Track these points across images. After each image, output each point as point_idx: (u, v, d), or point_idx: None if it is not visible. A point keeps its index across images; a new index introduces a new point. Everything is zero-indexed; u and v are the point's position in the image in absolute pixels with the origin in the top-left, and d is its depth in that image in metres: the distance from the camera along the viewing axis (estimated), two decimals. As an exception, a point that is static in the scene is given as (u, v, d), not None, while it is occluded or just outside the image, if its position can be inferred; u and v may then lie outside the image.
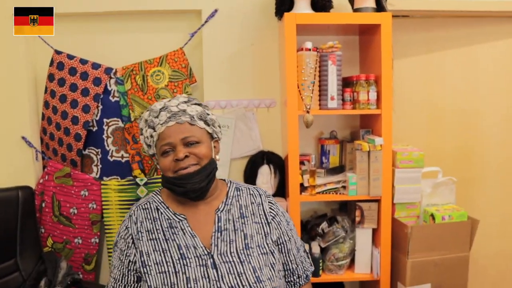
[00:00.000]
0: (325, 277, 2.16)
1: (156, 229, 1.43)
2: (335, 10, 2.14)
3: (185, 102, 1.46)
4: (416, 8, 2.27)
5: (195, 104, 1.48)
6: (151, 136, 1.44)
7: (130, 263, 1.40)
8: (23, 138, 2.25)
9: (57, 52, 2.24)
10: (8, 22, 2.17)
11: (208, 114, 1.48)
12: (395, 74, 2.17)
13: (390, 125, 2.03)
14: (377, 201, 2.10)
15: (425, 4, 2.26)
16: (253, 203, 1.52)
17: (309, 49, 2.01)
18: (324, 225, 2.20)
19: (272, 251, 1.45)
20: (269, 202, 1.54)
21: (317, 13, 2.05)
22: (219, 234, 1.42)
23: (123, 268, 1.41)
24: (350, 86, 2.10)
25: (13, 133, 2.25)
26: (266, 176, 2.23)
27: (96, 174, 2.29)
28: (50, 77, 2.25)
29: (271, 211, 1.52)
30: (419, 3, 2.27)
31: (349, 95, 2.08)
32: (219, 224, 1.44)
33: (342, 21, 2.02)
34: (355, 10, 2.07)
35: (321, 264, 2.14)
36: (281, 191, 2.26)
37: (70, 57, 2.22)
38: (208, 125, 1.47)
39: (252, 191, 1.55)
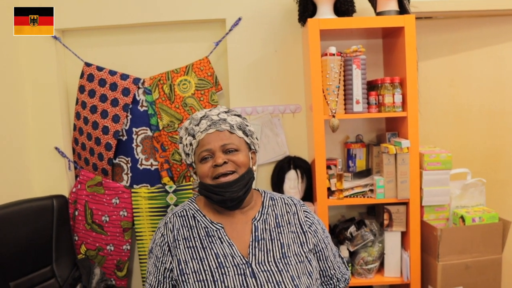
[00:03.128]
0: (354, 281, 2.15)
1: (193, 237, 1.44)
2: (357, 14, 2.15)
3: (226, 112, 1.51)
4: (439, 9, 2.26)
5: (235, 115, 1.52)
6: (191, 144, 1.47)
7: (166, 271, 1.42)
8: (56, 148, 2.33)
9: (87, 65, 2.31)
10: (39, 39, 2.27)
11: (247, 125, 1.51)
12: (420, 76, 2.16)
13: (417, 127, 2.02)
14: (405, 204, 2.09)
15: (448, 5, 2.25)
16: (288, 212, 1.53)
17: (333, 54, 2.02)
18: (352, 228, 2.19)
19: (309, 259, 1.46)
20: (304, 211, 1.55)
21: (340, 18, 2.06)
22: (256, 243, 1.44)
23: (158, 275, 1.44)
24: (375, 90, 2.10)
25: (47, 144, 2.34)
26: (293, 181, 2.24)
27: (127, 182, 2.35)
28: (81, 89, 2.32)
29: (307, 219, 1.53)
30: (442, 4, 2.25)
31: (374, 98, 2.08)
32: (256, 233, 1.45)
33: (365, 25, 2.02)
34: (378, 14, 2.07)
35: (350, 268, 2.14)
36: (309, 195, 2.27)
37: (100, 68, 2.29)
38: (247, 135, 1.50)
39: (287, 200, 1.56)
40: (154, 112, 2.29)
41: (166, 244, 1.44)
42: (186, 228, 1.46)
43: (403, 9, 2.05)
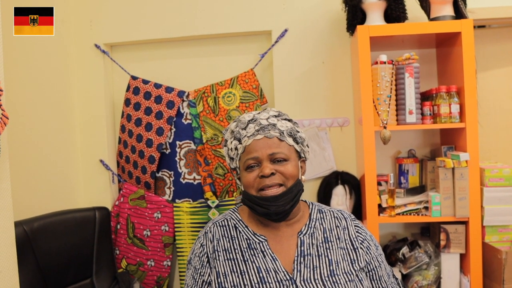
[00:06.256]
0: (408, 307, 1.99)
1: (234, 249, 1.35)
2: (409, 22, 2.05)
3: (276, 116, 1.39)
4: (500, 16, 2.12)
5: (285, 119, 1.41)
6: (236, 148, 1.38)
7: (204, 283, 1.33)
8: (101, 161, 2.33)
9: (133, 78, 2.32)
10: (88, 54, 2.33)
11: (298, 132, 1.40)
12: (477, 87, 2.02)
13: (476, 139, 1.87)
14: (464, 223, 1.93)
15: (510, 11, 2.11)
16: (338, 226, 1.41)
17: (384, 62, 1.92)
18: (405, 249, 2.04)
19: (360, 278, 1.33)
20: (355, 225, 1.42)
21: (391, 24, 1.97)
22: (301, 258, 1.32)
23: None
24: (429, 100, 1.98)
25: (92, 157, 2.35)
26: (341, 197, 2.13)
27: (169, 196, 2.30)
28: (127, 102, 2.33)
29: (359, 235, 1.40)
30: (503, 10, 2.12)
31: (428, 109, 1.95)
32: (302, 248, 1.34)
33: (419, 31, 1.92)
34: (432, 20, 1.97)
35: (403, 292, 1.98)
36: (357, 213, 2.14)
37: (145, 82, 2.30)
38: (297, 142, 1.38)
39: (336, 214, 1.44)
40: (198, 125, 2.26)
41: (205, 255, 1.35)
42: (227, 239, 1.37)
43: (459, 14, 1.93)
